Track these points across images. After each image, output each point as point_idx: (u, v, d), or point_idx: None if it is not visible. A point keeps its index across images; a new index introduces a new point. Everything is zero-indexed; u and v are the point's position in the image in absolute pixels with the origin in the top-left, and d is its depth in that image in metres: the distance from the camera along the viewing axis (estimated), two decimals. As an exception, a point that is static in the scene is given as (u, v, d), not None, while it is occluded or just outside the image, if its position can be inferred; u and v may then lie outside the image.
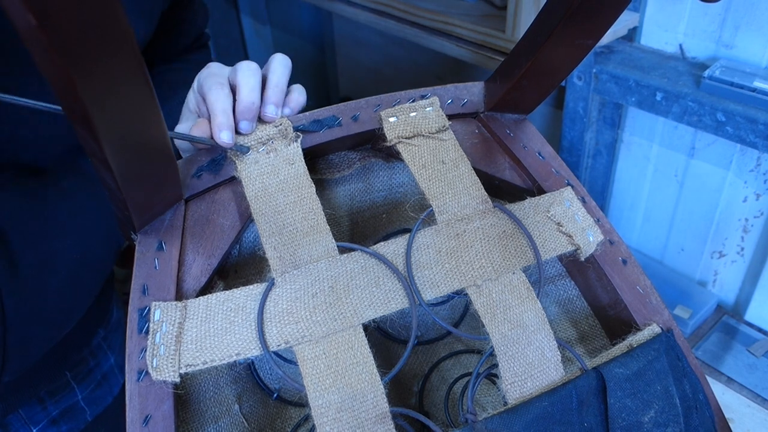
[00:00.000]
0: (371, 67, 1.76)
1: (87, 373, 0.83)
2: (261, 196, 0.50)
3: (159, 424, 0.43)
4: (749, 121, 0.84)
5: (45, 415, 0.78)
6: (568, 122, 1.09)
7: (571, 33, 0.49)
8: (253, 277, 0.58)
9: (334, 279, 0.47)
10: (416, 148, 0.55)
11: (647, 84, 0.93)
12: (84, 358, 0.82)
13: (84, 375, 0.83)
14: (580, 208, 0.56)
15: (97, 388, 0.85)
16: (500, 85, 0.58)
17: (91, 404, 0.84)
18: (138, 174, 0.41)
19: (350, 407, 0.43)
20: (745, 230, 1.04)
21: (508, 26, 0.96)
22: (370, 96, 0.57)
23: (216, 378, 0.55)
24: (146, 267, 0.47)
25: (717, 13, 0.92)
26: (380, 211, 0.68)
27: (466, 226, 0.52)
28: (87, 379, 0.83)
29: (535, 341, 0.49)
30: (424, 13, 1.10)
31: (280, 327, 0.45)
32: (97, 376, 0.85)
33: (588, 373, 0.48)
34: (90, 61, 0.30)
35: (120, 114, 0.35)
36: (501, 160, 0.60)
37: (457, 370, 0.70)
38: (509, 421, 0.45)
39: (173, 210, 0.50)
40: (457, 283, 0.49)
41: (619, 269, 0.56)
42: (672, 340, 0.53)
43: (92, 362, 0.84)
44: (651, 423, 0.48)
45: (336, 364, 0.44)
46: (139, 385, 0.44)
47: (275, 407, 0.63)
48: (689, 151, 1.05)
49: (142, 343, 0.44)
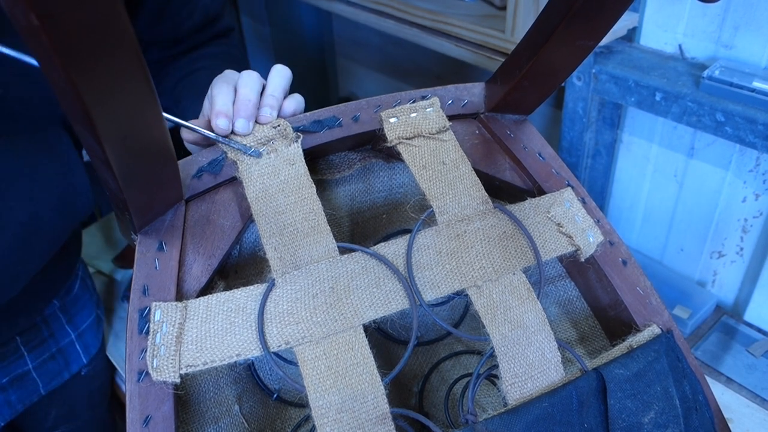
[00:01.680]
0: (371, 67, 1.76)
1: (39, 342, 0.83)
2: (262, 196, 0.50)
3: (159, 425, 0.43)
4: (748, 121, 0.84)
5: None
6: (567, 122, 1.09)
7: (572, 34, 0.49)
8: (254, 278, 0.58)
9: (335, 280, 0.47)
10: (417, 149, 0.55)
11: (647, 84, 0.93)
12: (36, 324, 0.82)
13: (36, 343, 0.83)
14: (580, 209, 0.56)
15: (50, 360, 0.85)
16: (501, 85, 0.58)
17: (43, 376, 0.84)
18: (139, 174, 0.41)
19: (351, 408, 0.43)
20: (744, 230, 1.04)
21: (507, 26, 0.96)
22: (370, 96, 0.57)
23: (216, 378, 0.55)
24: (147, 267, 0.47)
25: (716, 13, 0.92)
26: (381, 211, 0.68)
27: (466, 226, 0.52)
28: (39, 348, 0.83)
29: (536, 342, 0.49)
30: (424, 13, 1.10)
31: (280, 327, 0.45)
32: (52, 347, 0.85)
33: (588, 374, 0.48)
34: (91, 61, 0.30)
35: (121, 114, 0.35)
36: (501, 160, 0.60)
37: (458, 371, 0.70)
38: (509, 422, 0.45)
39: (174, 210, 0.50)
40: (458, 284, 0.49)
41: (619, 270, 0.56)
42: (672, 341, 0.53)
43: (45, 331, 0.84)
44: (651, 424, 0.48)
45: (336, 364, 0.44)
46: (139, 385, 0.44)
47: (275, 408, 0.63)
48: (688, 151, 1.05)
49: (142, 344, 0.44)
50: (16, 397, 0.81)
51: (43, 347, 0.84)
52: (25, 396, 0.82)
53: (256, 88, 0.54)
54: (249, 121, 0.52)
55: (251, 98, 0.53)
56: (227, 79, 0.55)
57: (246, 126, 0.52)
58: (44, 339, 0.84)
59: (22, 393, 0.82)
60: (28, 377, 0.82)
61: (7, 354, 0.79)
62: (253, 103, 0.52)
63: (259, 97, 0.54)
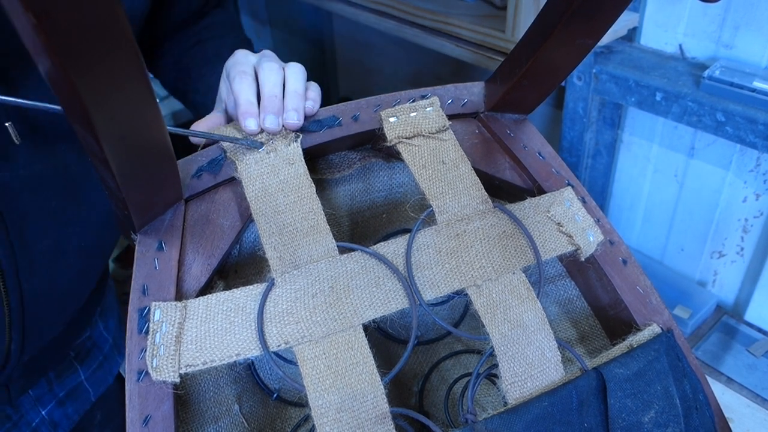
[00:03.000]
0: (371, 67, 1.76)
1: (86, 353, 0.85)
2: (261, 196, 0.50)
3: (159, 425, 0.43)
4: (749, 121, 0.84)
5: (52, 396, 0.79)
6: (567, 122, 1.09)
7: (571, 33, 0.49)
8: (253, 277, 0.58)
9: (334, 279, 0.47)
10: (416, 148, 0.55)
11: (647, 84, 0.93)
12: (84, 338, 0.84)
13: (84, 354, 0.84)
14: (580, 209, 0.56)
15: (98, 369, 0.87)
16: (500, 85, 0.58)
17: (94, 384, 0.86)
18: (138, 174, 0.41)
19: (350, 407, 0.43)
20: (744, 230, 1.04)
21: (507, 26, 0.96)
22: (370, 96, 0.57)
23: (216, 378, 0.55)
24: (146, 267, 0.47)
25: (717, 13, 0.92)
26: (380, 211, 0.68)
27: (466, 226, 0.52)
28: (88, 359, 0.85)
29: (535, 341, 0.49)
30: (424, 14, 1.10)
31: (280, 327, 0.45)
32: (98, 356, 0.87)
33: (588, 374, 0.48)
34: (89, 61, 0.30)
35: (120, 114, 0.35)
36: (501, 160, 0.60)
37: (457, 371, 0.70)
38: (509, 422, 0.45)
39: (173, 210, 0.50)
40: (457, 283, 0.49)
41: (620, 269, 0.56)
42: (672, 341, 0.53)
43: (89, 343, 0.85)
44: (651, 423, 0.48)
45: (336, 364, 0.44)
46: (139, 385, 0.44)
47: (275, 407, 0.63)
48: (689, 151, 1.05)
49: (142, 344, 0.44)
50: (72, 409, 0.83)
51: (91, 357, 0.86)
52: (80, 406, 0.84)
53: (280, 82, 0.54)
54: (278, 117, 0.52)
55: (278, 95, 0.53)
56: (244, 68, 0.55)
57: (276, 122, 0.52)
58: (89, 349, 0.86)
59: (77, 405, 0.84)
60: (81, 387, 0.84)
61: (65, 370, 0.81)
62: (279, 99, 0.53)
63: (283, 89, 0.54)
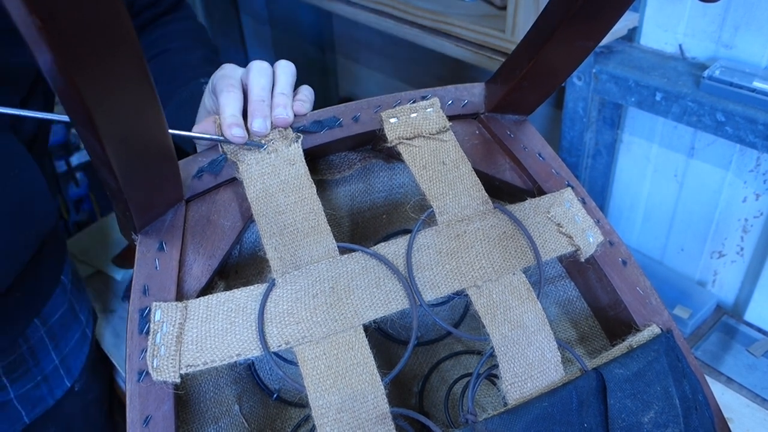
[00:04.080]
0: (371, 67, 1.76)
1: (24, 372, 0.79)
2: (262, 196, 0.50)
3: (159, 425, 0.43)
4: (749, 121, 0.84)
5: None
6: (567, 122, 1.09)
7: (572, 34, 0.49)
8: (254, 278, 0.58)
9: (335, 279, 0.47)
10: (417, 149, 0.56)
11: (647, 84, 0.93)
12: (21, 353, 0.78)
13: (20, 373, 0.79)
14: (580, 209, 0.56)
15: (34, 389, 0.81)
16: (501, 86, 0.58)
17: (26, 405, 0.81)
18: (139, 174, 0.41)
19: (351, 408, 0.43)
20: (744, 230, 1.04)
21: (507, 26, 0.96)
22: (370, 97, 0.57)
23: (216, 378, 0.55)
24: (147, 267, 0.47)
25: (717, 13, 0.92)
26: (381, 211, 0.68)
27: (466, 226, 0.52)
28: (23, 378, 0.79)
29: (535, 342, 0.49)
30: (424, 13, 1.10)
31: (280, 327, 0.45)
32: (36, 376, 0.82)
33: (588, 374, 0.48)
34: (92, 62, 0.30)
35: (122, 115, 0.35)
36: (501, 161, 0.60)
37: (457, 371, 0.70)
38: (509, 422, 0.45)
39: (174, 210, 0.50)
40: (458, 284, 0.49)
41: (619, 270, 0.56)
42: (672, 341, 0.53)
43: (31, 361, 0.80)
44: (651, 423, 0.48)
45: (336, 364, 0.44)
46: (139, 385, 0.44)
47: (275, 408, 0.63)
48: (689, 151, 1.05)
49: (142, 344, 0.44)
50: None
51: (28, 377, 0.80)
52: (7, 428, 0.79)
53: (268, 86, 0.54)
54: (266, 120, 0.52)
55: (265, 99, 0.53)
56: (231, 80, 0.55)
57: (264, 125, 0.52)
58: (29, 368, 0.80)
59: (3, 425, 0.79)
60: (10, 406, 0.79)
61: None
62: (267, 103, 0.52)
63: (271, 93, 0.54)
